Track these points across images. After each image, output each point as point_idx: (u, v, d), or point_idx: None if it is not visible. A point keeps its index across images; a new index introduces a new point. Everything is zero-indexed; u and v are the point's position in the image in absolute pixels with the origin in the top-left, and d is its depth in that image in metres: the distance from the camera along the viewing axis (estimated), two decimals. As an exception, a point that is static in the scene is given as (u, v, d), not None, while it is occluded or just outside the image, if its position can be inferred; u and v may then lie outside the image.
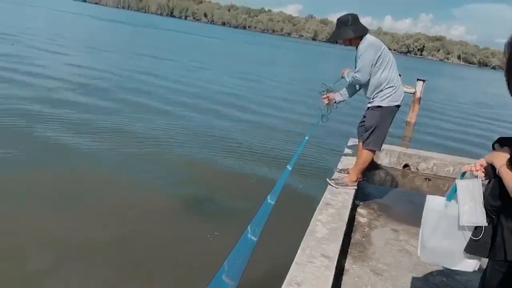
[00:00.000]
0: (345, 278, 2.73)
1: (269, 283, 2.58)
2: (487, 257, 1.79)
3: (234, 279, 2.68)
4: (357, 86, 3.91)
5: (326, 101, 3.99)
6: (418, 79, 12.55)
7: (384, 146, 5.37)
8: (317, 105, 4.13)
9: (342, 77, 3.95)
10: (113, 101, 9.49)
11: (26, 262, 3.37)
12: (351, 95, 4.05)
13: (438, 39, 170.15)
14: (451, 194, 1.86)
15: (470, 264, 1.91)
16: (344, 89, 4.03)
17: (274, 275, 2.82)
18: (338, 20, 3.77)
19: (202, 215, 4.70)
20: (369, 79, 3.70)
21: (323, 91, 4.03)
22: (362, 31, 3.71)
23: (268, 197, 3.17)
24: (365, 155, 3.85)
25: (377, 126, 3.75)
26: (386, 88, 3.68)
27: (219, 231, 4.19)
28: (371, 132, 3.78)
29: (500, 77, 1.52)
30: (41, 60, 13.68)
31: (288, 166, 3.54)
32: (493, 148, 1.77)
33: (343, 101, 4.05)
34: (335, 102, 4.00)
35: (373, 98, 3.76)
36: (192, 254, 3.82)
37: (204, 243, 4.01)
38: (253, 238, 2.89)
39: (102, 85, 11.20)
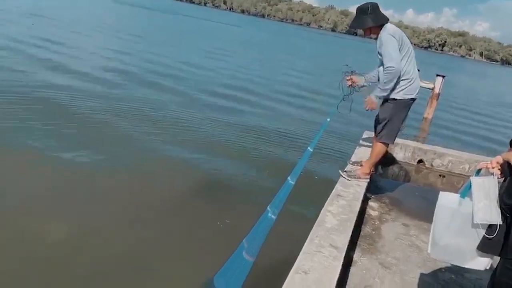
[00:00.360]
0: (353, 270, 2.73)
1: (280, 269, 2.61)
2: (499, 255, 1.77)
3: (253, 256, 2.77)
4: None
5: (349, 82, 3.86)
6: (437, 75, 12.31)
7: (399, 141, 5.31)
8: (337, 88, 3.94)
9: (352, 87, 3.84)
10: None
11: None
12: (373, 82, 3.90)
13: (461, 34, 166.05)
14: (465, 191, 1.84)
15: (481, 263, 1.89)
16: (370, 75, 3.88)
17: (283, 262, 2.86)
18: (358, 8, 3.69)
19: (219, 197, 4.83)
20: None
21: (347, 72, 3.89)
22: (382, 20, 3.61)
23: (289, 178, 3.24)
24: (378, 148, 3.81)
25: (390, 119, 3.69)
26: (402, 80, 3.58)
27: (237, 211, 4.35)
28: (384, 125, 3.72)
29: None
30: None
31: (309, 148, 3.55)
32: (511, 146, 1.74)
33: (365, 86, 3.91)
34: (357, 85, 3.87)
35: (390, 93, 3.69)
36: (210, 235, 3.92)
37: (221, 224, 4.08)
38: (272, 216, 2.99)
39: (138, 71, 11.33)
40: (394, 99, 3.65)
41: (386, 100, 3.72)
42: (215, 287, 2.98)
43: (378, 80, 3.67)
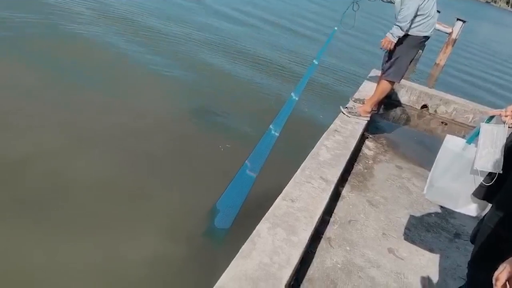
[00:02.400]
0: (339, 204, 2.76)
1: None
2: (490, 202, 1.77)
3: (255, 172, 3.09)
4: None
5: None
6: (458, 19, 11.72)
7: (405, 83, 5.17)
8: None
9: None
10: None
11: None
12: None
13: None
14: (473, 137, 1.81)
15: (473, 209, 1.91)
16: None
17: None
18: None
19: (214, 124, 4.76)
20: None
21: None
22: None
23: (292, 93, 3.26)
24: (384, 86, 3.69)
25: (400, 56, 3.53)
26: (418, 16, 3.37)
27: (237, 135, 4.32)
28: (393, 62, 3.57)
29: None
30: None
31: (314, 61, 3.50)
32: None
33: None
34: None
35: None
36: (211, 159, 3.92)
37: (222, 148, 4.07)
38: (276, 134, 3.07)
39: None
40: (407, 35, 3.45)
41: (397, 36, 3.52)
42: (217, 210, 3.05)
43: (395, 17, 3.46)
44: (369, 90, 4.34)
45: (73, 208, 2.93)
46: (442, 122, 5.11)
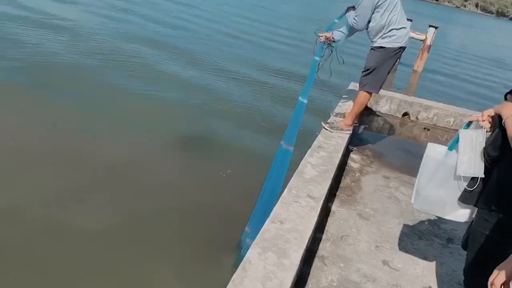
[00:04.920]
0: (330, 220, 2.74)
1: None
2: (474, 205, 1.78)
3: (291, 145, 3.20)
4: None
5: (322, 39, 3.70)
6: (430, 26, 12.02)
7: (385, 93, 5.24)
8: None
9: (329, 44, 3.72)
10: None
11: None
12: (350, 33, 3.74)
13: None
14: (453, 144, 1.84)
15: (462, 215, 1.91)
16: (344, 27, 3.72)
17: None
18: None
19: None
20: (369, 24, 3.50)
21: (319, 29, 3.78)
22: None
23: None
24: (362, 97, 3.71)
25: (376, 67, 3.57)
26: (389, 31, 3.47)
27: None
28: (369, 73, 3.61)
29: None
30: None
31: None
32: (506, 99, 1.69)
33: (344, 36, 3.74)
34: (333, 41, 3.72)
35: (376, 40, 3.57)
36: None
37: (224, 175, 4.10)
38: (304, 101, 3.38)
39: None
40: (382, 47, 3.52)
41: (373, 48, 3.59)
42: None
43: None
44: (349, 104, 4.38)
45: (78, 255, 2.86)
46: (424, 128, 5.18)
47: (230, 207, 3.60)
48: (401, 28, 3.50)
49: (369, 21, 3.50)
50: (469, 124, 1.82)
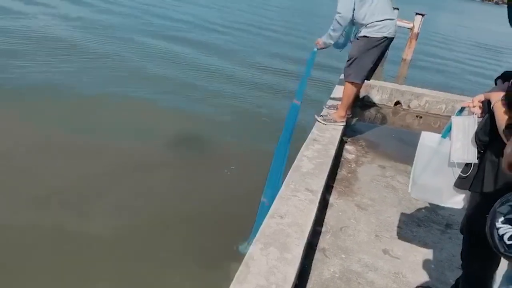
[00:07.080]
0: (329, 212, 2.76)
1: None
2: (468, 190, 1.80)
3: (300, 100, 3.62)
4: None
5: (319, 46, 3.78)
6: (416, 13, 12.04)
7: (376, 83, 5.26)
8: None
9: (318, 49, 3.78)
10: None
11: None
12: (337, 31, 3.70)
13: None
14: (446, 132, 1.85)
15: (458, 201, 1.93)
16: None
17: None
18: None
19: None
20: (354, 16, 3.48)
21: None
22: None
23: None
24: (348, 88, 3.70)
25: (358, 56, 3.54)
26: (372, 22, 3.44)
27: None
28: (352, 63, 3.58)
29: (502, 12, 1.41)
30: None
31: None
32: (496, 84, 1.70)
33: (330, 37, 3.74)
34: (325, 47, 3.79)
35: (360, 31, 3.55)
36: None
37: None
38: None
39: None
40: (365, 36, 3.50)
41: (357, 37, 3.58)
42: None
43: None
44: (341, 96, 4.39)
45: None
46: (417, 116, 5.21)
47: (236, 204, 3.56)
48: (386, 19, 3.47)
49: (353, 16, 3.48)
50: (461, 110, 1.83)
